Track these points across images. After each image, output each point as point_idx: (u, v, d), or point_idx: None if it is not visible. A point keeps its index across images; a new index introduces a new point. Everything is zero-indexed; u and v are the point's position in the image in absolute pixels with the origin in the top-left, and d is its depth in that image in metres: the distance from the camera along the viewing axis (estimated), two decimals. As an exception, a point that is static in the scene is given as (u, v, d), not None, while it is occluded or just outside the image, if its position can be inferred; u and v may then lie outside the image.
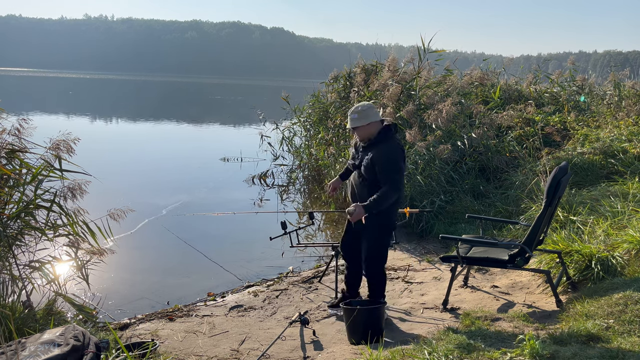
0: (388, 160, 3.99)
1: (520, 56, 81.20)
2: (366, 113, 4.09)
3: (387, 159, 3.99)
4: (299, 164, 11.86)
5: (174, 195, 9.90)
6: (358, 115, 4.09)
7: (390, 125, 4.17)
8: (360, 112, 4.09)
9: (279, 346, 4.00)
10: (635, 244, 4.25)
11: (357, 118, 4.10)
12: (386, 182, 3.97)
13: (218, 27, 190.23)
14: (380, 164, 3.98)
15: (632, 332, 3.13)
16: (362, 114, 4.09)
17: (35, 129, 4.59)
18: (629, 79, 10.70)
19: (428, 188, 7.22)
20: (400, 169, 4.03)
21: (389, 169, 3.98)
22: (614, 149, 7.02)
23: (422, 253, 6.28)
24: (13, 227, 4.44)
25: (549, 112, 9.05)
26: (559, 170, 4.14)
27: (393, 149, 4.04)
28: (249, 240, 7.50)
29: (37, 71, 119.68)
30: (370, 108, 4.14)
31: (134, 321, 4.73)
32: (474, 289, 4.88)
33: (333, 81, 11.58)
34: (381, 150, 4.02)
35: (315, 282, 5.59)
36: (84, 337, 3.12)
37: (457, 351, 3.07)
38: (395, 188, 3.97)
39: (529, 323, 3.71)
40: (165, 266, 6.44)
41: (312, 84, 12.68)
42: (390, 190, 3.96)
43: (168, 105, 39.32)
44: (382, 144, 4.06)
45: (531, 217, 5.72)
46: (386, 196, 3.95)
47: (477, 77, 10.11)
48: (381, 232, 4.17)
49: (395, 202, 4.11)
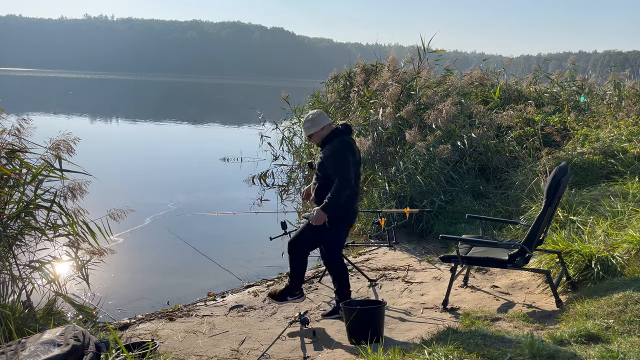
0: (334, 155, 4.26)
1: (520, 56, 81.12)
2: (317, 120, 4.43)
3: (333, 154, 4.27)
4: (299, 164, 11.86)
5: (174, 195, 9.91)
6: (310, 124, 4.43)
7: (340, 126, 4.44)
8: (312, 120, 4.44)
9: (279, 346, 4.00)
10: (635, 244, 4.25)
11: (310, 126, 4.43)
12: (336, 176, 4.21)
13: (218, 27, 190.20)
14: (329, 160, 4.28)
15: (632, 332, 3.13)
16: (314, 121, 4.43)
17: (35, 129, 4.59)
18: (629, 79, 10.70)
19: (428, 188, 7.22)
20: (347, 162, 4.25)
21: (336, 163, 4.25)
22: (613, 149, 7.01)
23: (422, 253, 6.28)
24: (13, 227, 4.44)
25: (549, 112, 9.05)
26: (559, 170, 4.14)
27: (339, 144, 4.31)
28: (249, 240, 7.50)
29: (37, 71, 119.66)
30: (320, 114, 4.48)
31: (134, 321, 4.73)
32: (474, 289, 4.88)
33: (333, 81, 11.58)
34: (328, 147, 4.34)
35: (315, 282, 5.59)
36: (84, 337, 3.12)
37: (457, 351, 3.07)
38: (344, 181, 4.19)
39: (529, 323, 3.71)
40: (165, 266, 6.45)
41: (312, 84, 12.69)
42: (340, 184, 4.19)
43: (168, 105, 39.33)
44: (330, 142, 4.36)
45: (531, 217, 5.72)
46: (338, 191, 4.18)
47: (477, 77, 10.11)
48: (336, 225, 4.34)
49: (350, 195, 4.31)
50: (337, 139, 4.35)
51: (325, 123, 4.42)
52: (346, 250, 6.33)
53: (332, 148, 4.30)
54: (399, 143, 8.34)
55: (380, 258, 6.27)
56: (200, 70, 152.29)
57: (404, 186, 7.27)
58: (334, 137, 4.37)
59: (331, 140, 4.35)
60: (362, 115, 9.21)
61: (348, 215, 4.44)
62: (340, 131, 4.40)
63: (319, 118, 4.44)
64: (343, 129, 4.42)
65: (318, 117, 4.44)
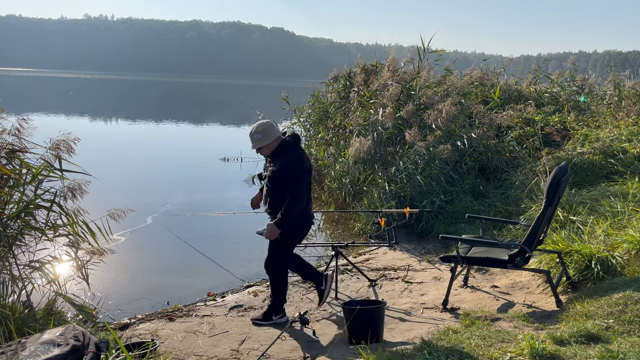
0: (285, 173, 4.24)
1: (520, 56, 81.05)
2: (267, 133, 4.30)
3: (284, 172, 4.24)
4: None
5: (174, 195, 9.91)
6: (261, 135, 4.29)
7: (290, 138, 4.37)
8: (263, 132, 4.29)
9: (279, 346, 4.00)
10: (635, 244, 4.25)
11: (259, 138, 4.30)
12: (288, 193, 4.22)
13: (218, 27, 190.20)
14: (279, 177, 4.25)
15: (632, 332, 3.13)
16: (264, 133, 4.29)
17: (35, 129, 4.59)
18: (629, 79, 10.69)
19: (428, 188, 7.22)
20: (297, 179, 4.25)
21: (287, 180, 4.23)
22: (613, 149, 7.01)
23: (422, 253, 6.28)
24: (13, 227, 4.44)
25: (548, 112, 9.04)
26: (558, 170, 4.14)
27: (289, 161, 4.26)
28: (249, 240, 7.49)
29: (37, 71, 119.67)
30: (270, 126, 4.36)
31: (134, 321, 4.73)
32: (474, 289, 4.88)
33: (333, 81, 11.58)
34: (279, 163, 4.28)
35: (315, 282, 5.58)
36: (84, 337, 3.12)
37: (457, 351, 3.07)
38: (296, 197, 4.22)
39: (529, 323, 3.71)
40: (165, 266, 6.44)
41: (312, 84, 12.69)
42: (291, 201, 4.21)
43: (168, 105, 39.33)
44: (280, 157, 4.30)
45: (531, 217, 5.72)
46: (290, 208, 4.22)
47: (477, 77, 10.11)
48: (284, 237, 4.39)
49: (302, 210, 4.34)
50: (287, 154, 4.28)
51: (276, 135, 4.32)
52: (346, 250, 6.34)
53: (283, 166, 4.25)
54: (398, 143, 8.34)
55: (380, 258, 6.27)
56: (200, 70, 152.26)
57: (404, 186, 7.27)
58: (284, 151, 4.31)
59: (281, 155, 4.29)
60: (362, 115, 9.21)
61: (302, 225, 4.50)
62: (291, 145, 4.33)
63: (270, 130, 4.32)
64: (292, 142, 4.35)
65: (269, 129, 4.32)
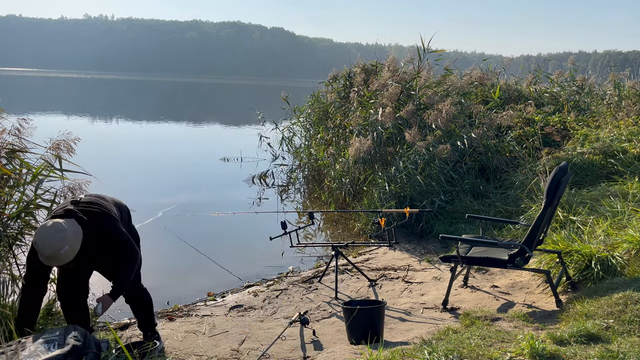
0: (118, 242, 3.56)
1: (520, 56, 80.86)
2: (74, 241, 3.31)
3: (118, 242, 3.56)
4: (298, 164, 11.86)
5: (174, 195, 9.91)
6: (69, 247, 3.27)
7: (79, 219, 3.42)
8: (70, 241, 3.27)
9: (279, 346, 4.00)
10: (635, 244, 4.25)
11: (69, 250, 3.28)
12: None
13: (218, 27, 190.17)
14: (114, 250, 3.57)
15: (632, 332, 3.13)
16: (73, 243, 3.29)
17: (36, 129, 4.60)
18: (629, 79, 10.69)
19: (428, 188, 7.22)
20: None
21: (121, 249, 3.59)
22: (613, 149, 7.02)
23: (422, 253, 6.28)
24: (13, 227, 4.45)
25: (548, 112, 9.05)
26: (559, 170, 4.14)
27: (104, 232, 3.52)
28: (249, 240, 7.50)
29: (37, 71, 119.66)
30: (72, 226, 3.34)
31: (134, 321, 4.73)
32: (474, 289, 4.88)
33: (332, 81, 11.58)
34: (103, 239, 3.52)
35: (315, 282, 5.59)
36: (84, 337, 3.12)
37: (457, 351, 3.07)
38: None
39: (529, 323, 3.71)
40: (165, 266, 6.44)
41: (312, 84, 12.69)
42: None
43: (168, 105, 39.31)
44: (93, 239, 3.46)
45: (531, 217, 5.72)
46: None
47: (476, 77, 10.11)
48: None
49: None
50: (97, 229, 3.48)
51: (80, 237, 3.38)
52: (346, 250, 6.34)
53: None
54: (398, 143, 8.34)
55: (380, 258, 6.27)
56: (200, 70, 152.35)
57: (404, 186, 7.27)
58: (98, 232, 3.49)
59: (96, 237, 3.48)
60: (362, 115, 9.21)
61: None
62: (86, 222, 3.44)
63: (74, 237, 3.32)
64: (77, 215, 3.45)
65: (73, 237, 3.31)
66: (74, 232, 3.33)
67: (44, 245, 3.24)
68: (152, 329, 4.00)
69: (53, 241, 3.23)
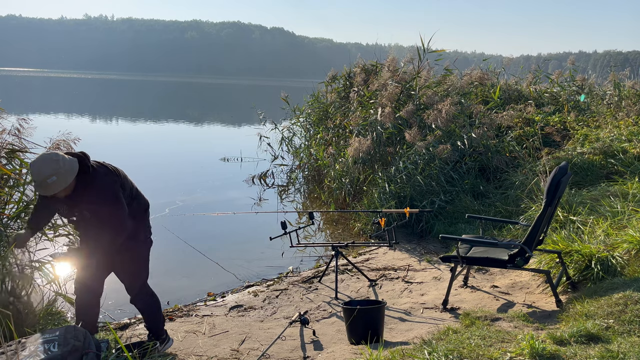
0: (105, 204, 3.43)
1: (520, 56, 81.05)
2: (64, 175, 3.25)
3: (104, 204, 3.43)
4: (298, 164, 11.86)
5: (174, 195, 9.90)
6: (57, 178, 3.21)
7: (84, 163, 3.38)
8: (59, 174, 3.22)
9: (279, 346, 4.00)
10: (635, 244, 4.25)
11: (56, 181, 3.22)
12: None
13: (218, 27, 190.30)
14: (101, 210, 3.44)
15: (632, 332, 3.13)
16: (61, 176, 3.23)
17: (35, 129, 4.60)
18: (629, 79, 10.70)
19: (428, 188, 7.22)
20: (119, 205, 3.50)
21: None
22: (613, 149, 7.02)
23: (422, 253, 6.28)
24: (13, 227, 4.44)
25: (548, 112, 9.05)
26: (558, 170, 4.14)
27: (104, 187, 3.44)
28: (249, 240, 7.50)
29: (37, 71, 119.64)
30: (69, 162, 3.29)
31: (134, 321, 4.73)
32: (474, 289, 4.88)
33: (331, 81, 11.57)
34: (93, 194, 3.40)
35: (315, 282, 5.59)
36: (84, 337, 3.12)
37: (457, 351, 3.07)
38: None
39: (529, 323, 3.71)
40: (165, 266, 6.43)
41: (311, 84, 12.69)
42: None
43: (168, 105, 39.33)
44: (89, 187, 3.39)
45: (531, 217, 5.72)
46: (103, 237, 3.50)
47: (476, 77, 10.11)
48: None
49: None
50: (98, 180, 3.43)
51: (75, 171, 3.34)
52: (346, 250, 6.34)
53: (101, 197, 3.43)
54: (398, 143, 8.34)
55: (380, 258, 6.27)
56: (200, 70, 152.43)
57: (404, 186, 7.27)
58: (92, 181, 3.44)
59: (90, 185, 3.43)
60: (362, 115, 9.21)
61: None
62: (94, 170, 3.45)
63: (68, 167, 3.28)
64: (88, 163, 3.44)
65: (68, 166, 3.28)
66: (68, 168, 3.27)
67: (33, 169, 3.26)
68: (158, 333, 3.92)
69: (43, 168, 3.22)
